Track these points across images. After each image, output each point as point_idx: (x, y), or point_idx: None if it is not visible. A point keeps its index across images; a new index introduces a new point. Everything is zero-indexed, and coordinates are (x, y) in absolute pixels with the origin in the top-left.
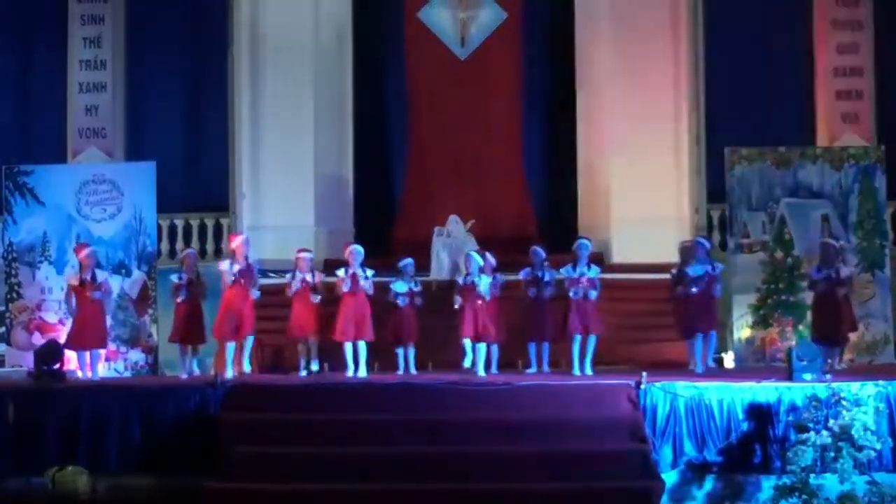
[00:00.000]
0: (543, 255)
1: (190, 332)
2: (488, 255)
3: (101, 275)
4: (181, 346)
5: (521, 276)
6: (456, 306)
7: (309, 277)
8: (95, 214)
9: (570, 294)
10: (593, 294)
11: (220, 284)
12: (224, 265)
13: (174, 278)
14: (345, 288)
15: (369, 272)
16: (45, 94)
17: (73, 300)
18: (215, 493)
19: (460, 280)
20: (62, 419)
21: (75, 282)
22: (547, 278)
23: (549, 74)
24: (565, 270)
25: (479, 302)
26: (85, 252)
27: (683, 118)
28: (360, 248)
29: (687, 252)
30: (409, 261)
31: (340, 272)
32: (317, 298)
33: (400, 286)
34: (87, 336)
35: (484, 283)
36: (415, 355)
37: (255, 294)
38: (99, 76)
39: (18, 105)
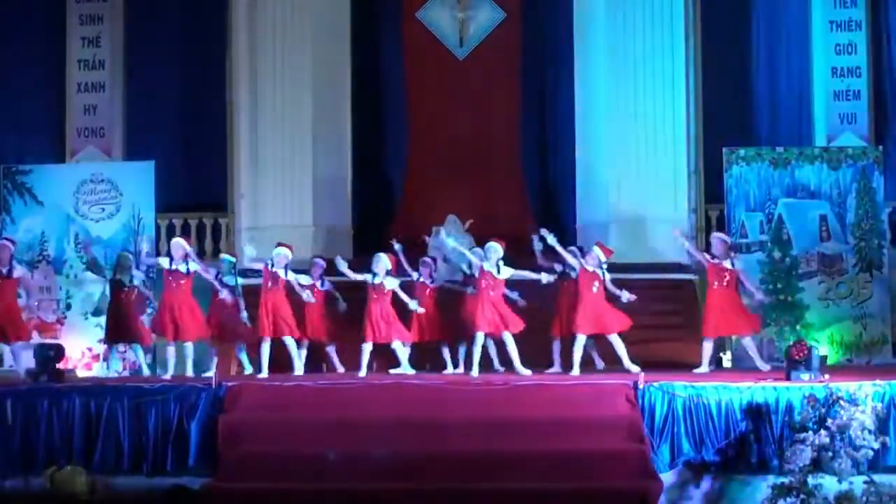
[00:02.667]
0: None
1: (115, 330)
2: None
3: (17, 270)
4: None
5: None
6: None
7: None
8: (94, 214)
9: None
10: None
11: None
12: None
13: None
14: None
15: (302, 277)
16: (44, 94)
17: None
18: (214, 493)
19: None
20: (60, 419)
21: None
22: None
23: (547, 74)
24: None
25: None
26: None
27: (681, 118)
28: (284, 251)
29: None
30: (317, 259)
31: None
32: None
33: (304, 279)
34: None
35: (390, 283)
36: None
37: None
38: (97, 76)
39: (17, 104)
